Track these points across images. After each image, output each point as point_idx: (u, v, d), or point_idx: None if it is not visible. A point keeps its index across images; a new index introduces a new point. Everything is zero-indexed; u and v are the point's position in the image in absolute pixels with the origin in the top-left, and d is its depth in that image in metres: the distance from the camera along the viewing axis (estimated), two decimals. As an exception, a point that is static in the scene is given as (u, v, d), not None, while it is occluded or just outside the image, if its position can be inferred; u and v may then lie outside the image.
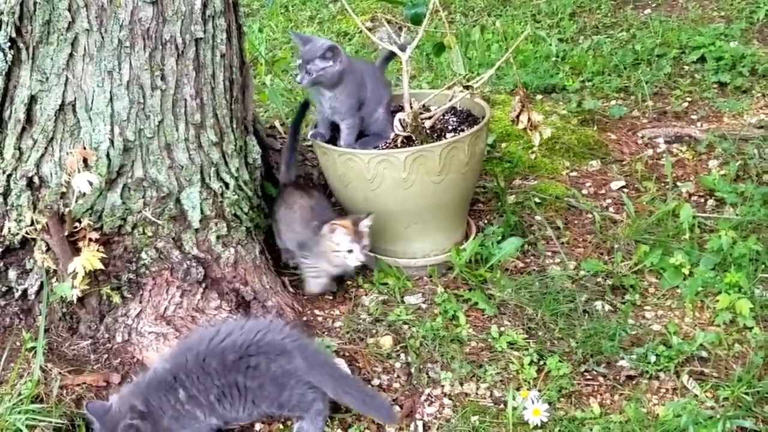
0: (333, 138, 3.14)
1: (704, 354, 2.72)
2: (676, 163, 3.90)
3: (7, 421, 2.39)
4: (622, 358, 2.74)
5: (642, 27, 5.52)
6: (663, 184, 3.72)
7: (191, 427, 2.37)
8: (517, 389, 2.62)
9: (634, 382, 2.66)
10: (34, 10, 2.56)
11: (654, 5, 5.96)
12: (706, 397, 2.56)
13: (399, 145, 3.05)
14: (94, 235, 2.64)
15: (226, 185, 2.87)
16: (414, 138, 3.05)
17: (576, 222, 3.52)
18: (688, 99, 4.57)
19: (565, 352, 2.77)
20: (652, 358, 2.69)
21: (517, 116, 2.99)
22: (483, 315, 2.96)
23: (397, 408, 2.58)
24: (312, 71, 2.97)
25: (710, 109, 4.45)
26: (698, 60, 4.94)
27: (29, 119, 2.69)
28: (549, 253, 3.30)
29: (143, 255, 2.76)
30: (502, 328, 2.88)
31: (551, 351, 2.77)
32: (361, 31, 5.54)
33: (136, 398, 2.33)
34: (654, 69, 4.87)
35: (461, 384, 2.67)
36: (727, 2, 5.76)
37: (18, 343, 2.72)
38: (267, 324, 2.51)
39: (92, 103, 2.64)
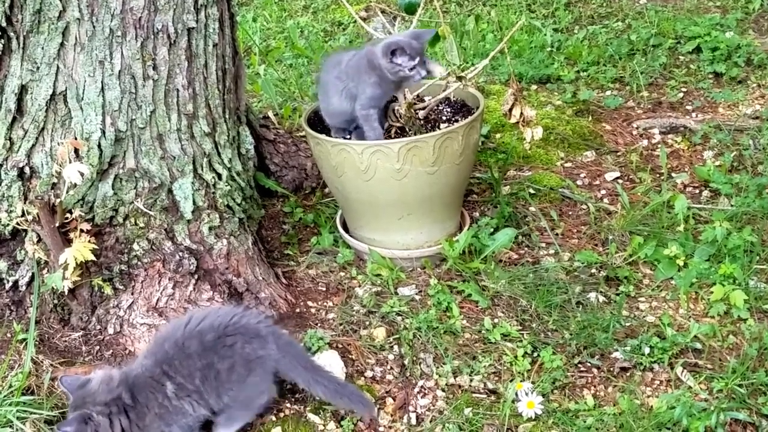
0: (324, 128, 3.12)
1: (698, 346, 2.72)
2: (671, 153, 3.89)
3: (-3, 413, 2.39)
4: (616, 350, 2.73)
5: (637, 17, 5.50)
6: (658, 175, 3.71)
7: (178, 423, 2.35)
8: (511, 381, 2.61)
9: (628, 374, 2.66)
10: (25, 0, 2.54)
11: (649, -5, 5.94)
12: (700, 389, 2.56)
13: (392, 136, 3.04)
14: (86, 226, 2.63)
15: (219, 176, 2.86)
16: (407, 129, 3.03)
17: (570, 213, 3.51)
18: (684, 89, 4.56)
19: (559, 344, 2.76)
20: (646, 350, 2.69)
21: (510, 110, 2.97)
22: (476, 307, 2.95)
23: (368, 395, 2.57)
24: None
25: (705, 99, 4.44)
26: (694, 50, 4.93)
27: (20, 109, 2.68)
28: (543, 245, 3.29)
29: (135, 246, 2.74)
30: (496, 320, 2.87)
31: (545, 343, 2.76)
32: (355, 21, 5.51)
33: (123, 388, 2.30)
34: (649, 59, 4.85)
35: (455, 376, 2.66)
36: (722, -8, 5.76)
37: (9, 335, 2.71)
38: (242, 309, 2.51)
39: (83, 92, 2.63)
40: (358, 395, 2.45)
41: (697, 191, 3.60)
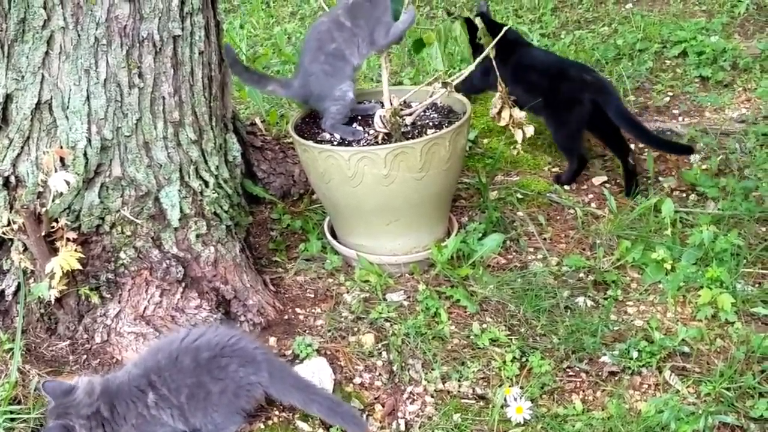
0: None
1: (686, 349, 2.73)
2: (657, 158, 3.89)
3: (-16, 423, 2.38)
4: (605, 354, 2.73)
5: (623, 22, 5.53)
6: (645, 179, 3.72)
7: None
8: (500, 386, 2.61)
9: (616, 378, 2.66)
10: (9, 8, 2.53)
11: (635, 0, 5.96)
12: (688, 392, 2.57)
13: (380, 142, 3.03)
14: (72, 235, 2.61)
15: (206, 183, 2.85)
16: (392, 135, 3.03)
17: (558, 218, 3.51)
18: (670, 93, 4.58)
19: (547, 349, 2.76)
20: (634, 354, 2.69)
21: (498, 113, 2.97)
22: (465, 312, 2.95)
23: (359, 410, 2.58)
24: None
25: (692, 103, 4.46)
26: (680, 54, 4.96)
27: (5, 118, 2.67)
28: (531, 249, 3.30)
29: (122, 254, 2.73)
30: (484, 325, 2.87)
31: (533, 347, 2.76)
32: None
33: (102, 401, 2.29)
34: (636, 64, 4.87)
35: (443, 381, 2.66)
36: (708, -4, 5.79)
37: (-5, 345, 2.70)
38: (240, 332, 2.53)
39: (69, 101, 2.61)
40: (351, 414, 2.45)
41: (684, 195, 3.61)
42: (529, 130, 3.02)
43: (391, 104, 3.03)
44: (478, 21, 3.01)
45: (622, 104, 3.67)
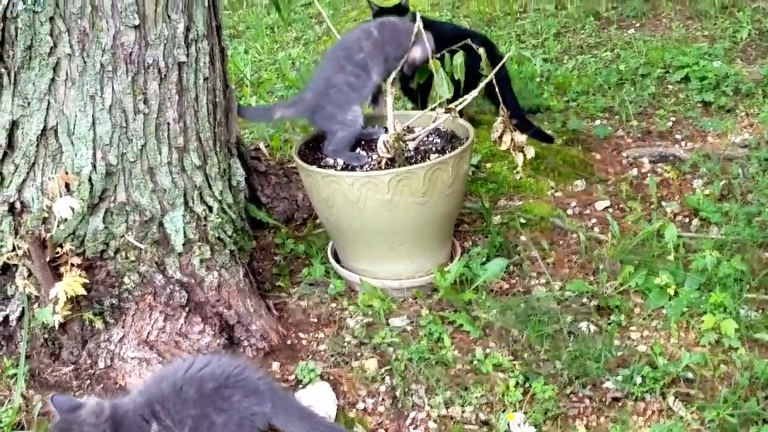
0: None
1: (690, 375, 2.72)
2: (660, 182, 3.90)
3: (-13, 449, 2.38)
4: (608, 380, 2.72)
5: (626, 47, 5.55)
6: (648, 204, 3.73)
7: None
8: (503, 412, 2.60)
9: (619, 404, 2.65)
10: (16, 35, 2.56)
11: (638, 25, 6.00)
12: (692, 418, 2.56)
13: (383, 167, 3.05)
14: (76, 260, 2.63)
15: (210, 208, 2.87)
16: (395, 160, 3.04)
17: (561, 242, 3.52)
18: (673, 118, 4.59)
19: (551, 374, 2.76)
20: (638, 380, 2.68)
21: (500, 137, 2.99)
22: (468, 337, 2.95)
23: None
24: None
25: (694, 128, 4.46)
26: (682, 79, 4.97)
27: (11, 144, 2.69)
28: (534, 274, 3.29)
29: (126, 279, 2.74)
30: (488, 350, 2.87)
31: (537, 373, 2.75)
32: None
33: (108, 425, 2.28)
34: (638, 89, 4.89)
35: (446, 407, 2.66)
36: (710, 22, 5.81)
37: (-1, 370, 2.71)
38: (244, 361, 2.52)
39: (74, 127, 2.64)
40: None
41: (687, 220, 3.61)
42: (530, 153, 3.03)
43: (395, 129, 3.05)
44: (481, 51, 3.01)
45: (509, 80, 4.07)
